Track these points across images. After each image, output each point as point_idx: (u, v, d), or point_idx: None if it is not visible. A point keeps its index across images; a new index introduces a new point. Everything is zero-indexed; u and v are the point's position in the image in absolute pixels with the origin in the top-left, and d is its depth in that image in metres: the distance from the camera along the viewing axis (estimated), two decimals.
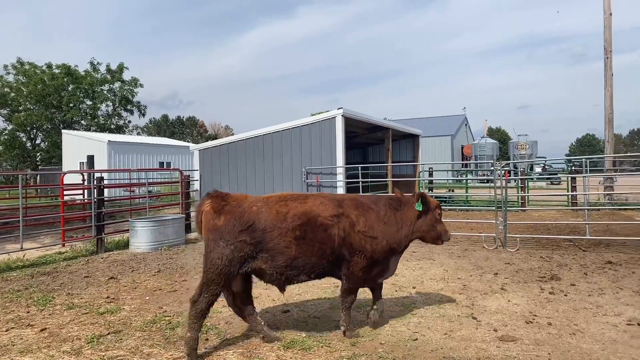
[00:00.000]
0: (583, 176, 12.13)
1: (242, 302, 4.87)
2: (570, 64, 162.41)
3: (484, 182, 28.05)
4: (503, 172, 9.94)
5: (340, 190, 11.86)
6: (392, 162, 16.67)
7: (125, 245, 11.04)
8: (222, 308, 5.97)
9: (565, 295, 6.27)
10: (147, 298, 6.57)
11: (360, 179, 12.31)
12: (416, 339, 4.79)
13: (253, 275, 4.77)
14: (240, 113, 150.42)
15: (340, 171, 11.90)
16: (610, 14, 17.76)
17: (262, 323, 4.85)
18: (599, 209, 15.24)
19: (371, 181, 14.44)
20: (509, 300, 6.09)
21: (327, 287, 6.78)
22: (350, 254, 4.68)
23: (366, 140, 19.37)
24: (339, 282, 4.97)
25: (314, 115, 12.71)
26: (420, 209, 5.06)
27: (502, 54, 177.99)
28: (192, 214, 14.40)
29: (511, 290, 6.59)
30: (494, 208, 10.54)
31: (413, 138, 19.58)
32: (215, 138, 65.31)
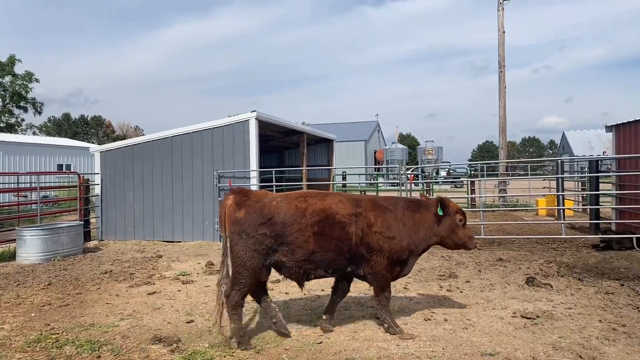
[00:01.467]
0: (479, 180, 13.11)
1: (260, 291, 5.14)
2: (473, 76, 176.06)
3: (395, 185, 29.35)
4: (408, 175, 10.42)
5: None
6: (307, 166, 16.84)
7: (12, 256, 9.95)
8: (119, 321, 5.59)
9: (461, 292, 6.70)
10: (33, 314, 5.96)
11: (274, 183, 12.24)
12: (321, 342, 4.83)
13: (273, 269, 4.93)
14: (153, 114, 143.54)
15: (254, 175, 11.76)
16: (504, 32, 19.48)
17: (277, 310, 5.08)
18: (493, 210, 16.60)
19: (286, 185, 14.45)
20: (410, 299, 6.37)
21: None
22: (369, 254, 4.84)
23: (282, 144, 19.39)
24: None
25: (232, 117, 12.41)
26: (442, 214, 5.10)
27: (413, 64, 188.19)
28: (92, 221, 13.40)
29: (413, 289, 6.91)
30: None
31: (328, 142, 19.95)
32: (124, 139, 61.59)
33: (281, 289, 7.02)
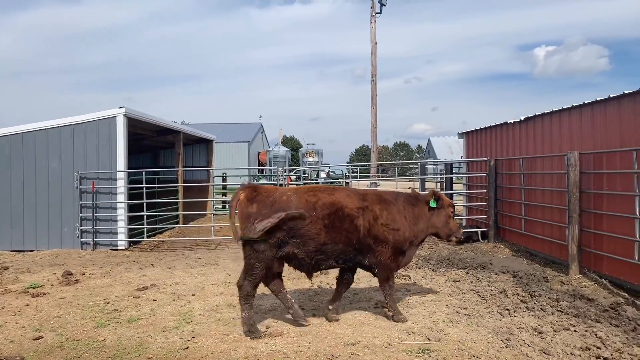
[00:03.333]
0: (352, 180, 13.82)
1: (275, 283, 5.26)
2: (353, 83, 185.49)
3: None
4: (285, 176, 10.62)
5: (121, 197, 10.91)
6: (184, 167, 16.19)
7: None
8: None
9: (330, 287, 7.01)
10: None
11: (144, 185, 11.55)
12: (187, 347, 4.69)
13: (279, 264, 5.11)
14: (7, 108, 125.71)
15: (121, 176, 10.95)
16: (376, 43, 20.86)
17: (292, 301, 5.30)
18: None
19: (159, 187, 13.73)
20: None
21: (95, 305, 6.13)
22: (376, 245, 5.15)
23: (157, 143, 18.36)
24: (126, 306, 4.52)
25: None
26: (435, 206, 5.49)
27: (297, 69, 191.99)
28: None
29: (287, 287, 7.04)
30: None
31: (207, 143, 19.40)
32: None
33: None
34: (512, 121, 9.71)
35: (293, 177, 30.73)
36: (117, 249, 10.77)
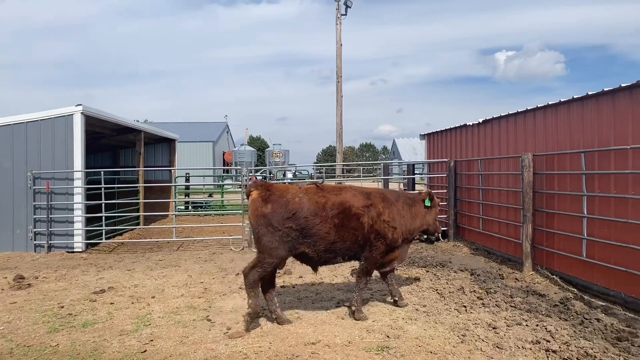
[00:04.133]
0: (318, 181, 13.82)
1: (268, 283, 5.38)
2: (320, 84, 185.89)
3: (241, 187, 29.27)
4: (250, 177, 10.54)
5: (78, 198, 10.54)
6: (145, 167, 15.81)
7: None
8: None
9: (293, 287, 7.02)
10: None
11: (103, 185, 11.21)
12: (145, 351, 4.60)
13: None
14: None
15: (79, 176, 10.59)
16: (341, 45, 21.01)
17: (277, 305, 5.42)
18: None
19: (118, 187, 13.37)
20: (244, 299, 6.41)
21: (49, 310, 5.92)
22: (375, 239, 5.39)
23: (117, 142, 17.83)
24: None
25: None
26: (429, 205, 5.91)
27: (264, 69, 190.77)
28: None
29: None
30: (241, 211, 11.05)
31: (170, 142, 19.00)
32: None
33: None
34: (471, 123, 10.01)
35: (259, 178, 30.64)
36: (73, 252, 10.40)
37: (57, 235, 10.54)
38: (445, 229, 10.87)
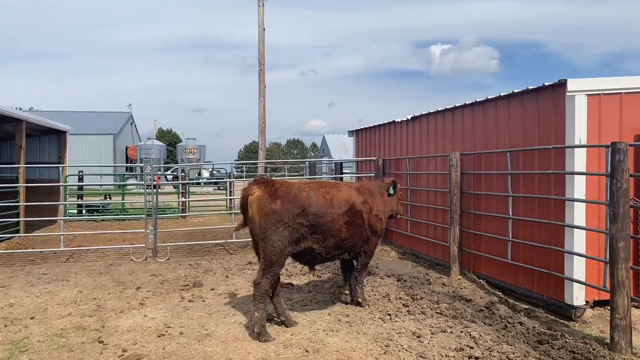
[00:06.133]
0: (235, 180, 13.67)
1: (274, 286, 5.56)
2: (244, 73, 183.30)
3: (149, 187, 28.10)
4: (154, 176, 10.17)
5: None
6: (28, 164, 14.69)
7: None
8: None
9: (203, 301, 6.89)
10: None
11: None
12: None
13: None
14: None
15: None
16: (264, 29, 20.88)
17: (285, 307, 5.80)
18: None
19: None
20: (145, 315, 6.22)
21: None
22: (371, 234, 6.11)
23: None
24: None
25: None
26: (393, 193, 6.60)
27: (177, 52, 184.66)
28: None
29: (151, 304, 6.77)
30: (144, 216, 10.62)
31: (59, 135, 17.81)
32: None
33: None
34: (399, 120, 10.42)
35: (170, 177, 29.54)
36: None
37: None
38: None
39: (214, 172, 43.81)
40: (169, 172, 31.16)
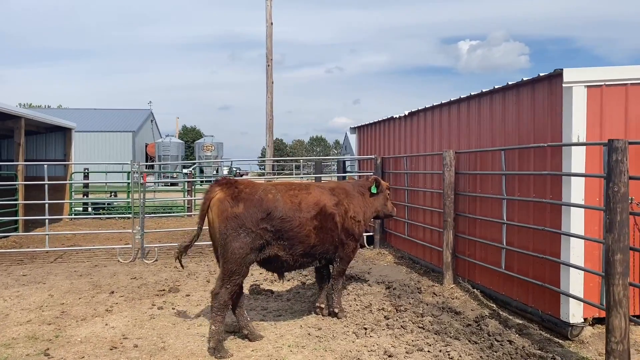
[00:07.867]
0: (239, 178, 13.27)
1: (236, 295, 5.11)
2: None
3: (168, 186, 28.11)
4: (141, 174, 9.85)
5: None
6: (28, 161, 14.61)
7: None
8: None
9: (173, 308, 6.51)
10: None
11: None
12: None
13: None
14: None
15: None
16: (272, 24, 20.47)
17: (248, 319, 5.32)
18: None
19: None
20: (106, 324, 5.87)
21: None
22: (346, 238, 5.70)
23: None
24: None
25: None
26: (375, 192, 6.18)
27: (204, 50, 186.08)
28: None
29: (118, 310, 6.42)
30: (131, 215, 10.29)
31: (64, 132, 17.76)
32: None
33: None
34: (397, 116, 9.84)
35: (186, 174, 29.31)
36: None
37: None
38: (371, 234, 10.68)
39: (235, 170, 43.71)
40: (187, 170, 31.05)
